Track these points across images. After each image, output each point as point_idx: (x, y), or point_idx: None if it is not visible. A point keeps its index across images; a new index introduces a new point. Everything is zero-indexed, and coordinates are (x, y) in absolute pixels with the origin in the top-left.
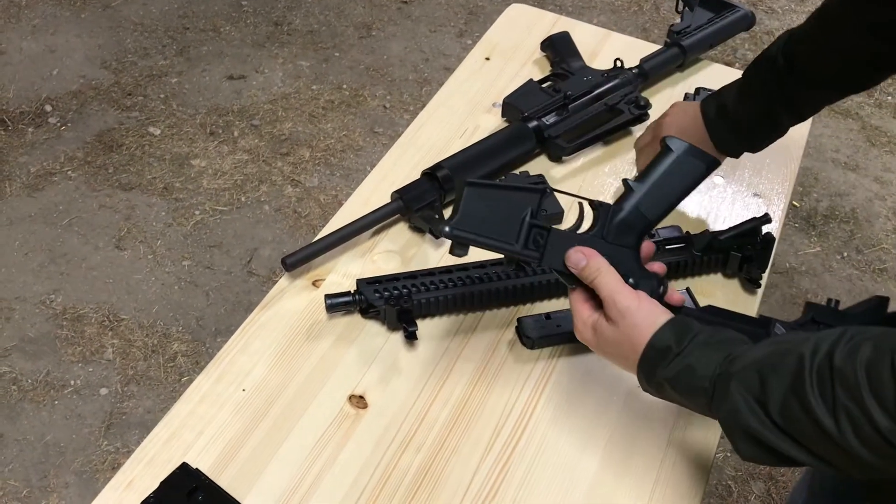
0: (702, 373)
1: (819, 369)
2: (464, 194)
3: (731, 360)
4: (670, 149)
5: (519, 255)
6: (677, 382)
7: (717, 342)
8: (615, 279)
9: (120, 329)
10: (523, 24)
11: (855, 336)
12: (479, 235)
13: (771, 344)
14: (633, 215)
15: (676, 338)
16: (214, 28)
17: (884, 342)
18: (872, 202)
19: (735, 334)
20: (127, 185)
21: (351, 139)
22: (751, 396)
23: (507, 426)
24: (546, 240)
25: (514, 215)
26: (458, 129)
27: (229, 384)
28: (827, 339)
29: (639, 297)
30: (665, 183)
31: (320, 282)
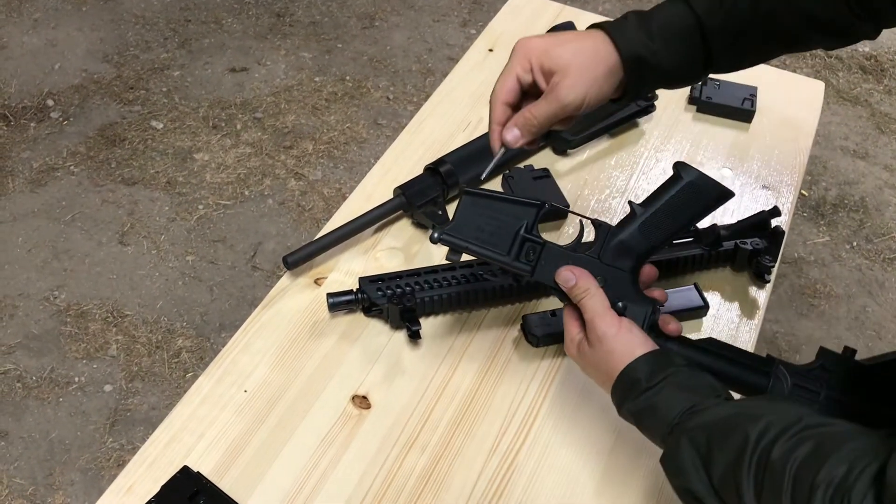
0: (663, 416)
1: (760, 455)
2: (460, 202)
3: (692, 413)
4: (681, 176)
5: (510, 266)
6: (640, 419)
7: (689, 388)
8: (601, 303)
9: (124, 325)
10: (527, 14)
11: (804, 430)
12: (472, 244)
13: (734, 407)
14: (633, 239)
15: (649, 373)
16: (216, 20)
17: (825, 445)
18: (882, 190)
19: (711, 381)
20: (130, 180)
21: (354, 131)
22: (698, 458)
23: (513, 426)
24: (539, 254)
25: (509, 227)
26: (462, 123)
27: (231, 385)
28: (778, 424)
29: (619, 325)
30: (670, 210)
31: (322, 280)
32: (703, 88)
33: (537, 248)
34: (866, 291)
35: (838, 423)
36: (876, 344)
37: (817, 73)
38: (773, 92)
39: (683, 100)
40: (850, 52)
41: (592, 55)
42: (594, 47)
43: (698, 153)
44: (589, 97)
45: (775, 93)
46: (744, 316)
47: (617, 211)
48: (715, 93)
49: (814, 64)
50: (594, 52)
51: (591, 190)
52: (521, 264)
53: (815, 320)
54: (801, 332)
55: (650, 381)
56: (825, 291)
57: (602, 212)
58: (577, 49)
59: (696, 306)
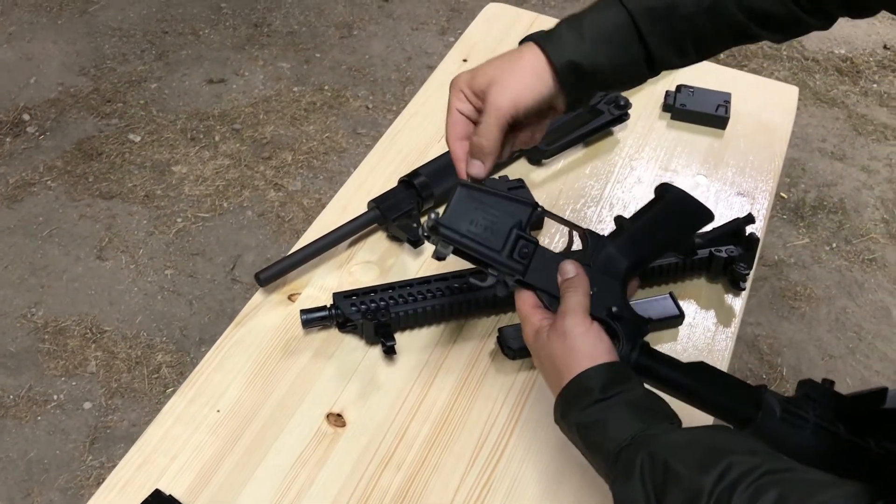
0: (613, 434)
1: (717, 500)
2: (455, 194)
3: (647, 437)
4: (664, 195)
5: (503, 264)
6: (586, 433)
7: (645, 408)
8: (583, 303)
9: (103, 341)
10: (501, 24)
11: (765, 476)
12: (465, 237)
13: (693, 436)
14: (622, 251)
15: (604, 384)
16: (193, 31)
17: (789, 497)
18: (860, 191)
19: (667, 407)
20: (107, 194)
21: (334, 141)
22: (651, 488)
23: (490, 441)
24: (532, 255)
25: (502, 224)
26: (437, 134)
27: (203, 405)
28: (738, 468)
29: (590, 327)
30: (656, 227)
31: (296, 296)
32: (676, 96)
33: (530, 247)
34: (846, 293)
35: (801, 468)
36: (857, 345)
37: (794, 75)
38: (748, 97)
39: (657, 107)
40: (826, 54)
41: (516, 61)
42: (518, 55)
43: (673, 161)
44: (521, 98)
45: (749, 98)
46: (720, 324)
47: (592, 219)
48: (689, 100)
49: (790, 66)
50: (518, 59)
51: (567, 199)
52: (514, 263)
53: (796, 323)
54: (783, 334)
55: (604, 393)
56: (806, 294)
57: (577, 221)
58: (501, 61)
59: (672, 315)
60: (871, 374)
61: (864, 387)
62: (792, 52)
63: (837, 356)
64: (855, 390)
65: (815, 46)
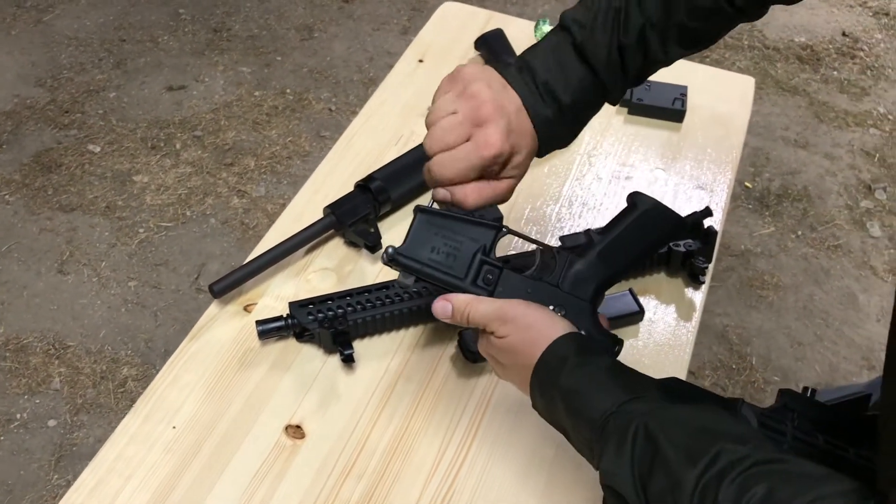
0: (597, 403)
1: (703, 491)
2: (414, 221)
3: (639, 410)
4: (636, 204)
5: (467, 292)
6: (569, 399)
7: (625, 375)
8: (490, 301)
9: (66, 357)
10: (456, 24)
11: (753, 467)
12: (426, 266)
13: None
14: (592, 267)
15: (577, 349)
16: (152, 38)
17: (779, 491)
18: (824, 178)
19: (643, 376)
20: (68, 207)
21: (297, 145)
22: (637, 469)
23: (452, 446)
24: (497, 279)
25: (465, 250)
26: (394, 137)
27: (159, 422)
28: (726, 456)
29: (529, 303)
30: (627, 239)
31: (252, 306)
32: (633, 90)
33: (495, 273)
34: (812, 280)
35: (793, 459)
36: (824, 332)
37: (755, 64)
38: (704, 90)
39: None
40: (786, 42)
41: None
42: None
43: (631, 156)
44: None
45: (706, 91)
46: (681, 318)
47: (551, 218)
48: (645, 94)
49: (752, 56)
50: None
51: (525, 198)
52: (479, 289)
53: (764, 312)
54: (751, 324)
55: (580, 357)
56: (773, 282)
57: (537, 219)
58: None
59: (632, 312)
60: (840, 360)
61: (833, 373)
62: (753, 42)
63: (806, 343)
64: (835, 395)
65: (775, 35)
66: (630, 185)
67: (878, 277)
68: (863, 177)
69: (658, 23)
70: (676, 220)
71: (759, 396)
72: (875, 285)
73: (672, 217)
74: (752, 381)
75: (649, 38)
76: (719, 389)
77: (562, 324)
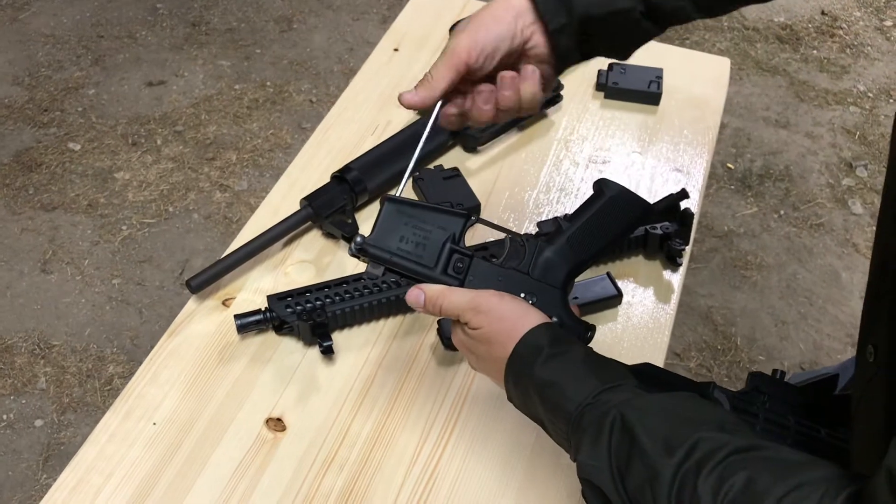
0: (571, 394)
1: (682, 482)
2: (382, 210)
3: (616, 400)
4: (603, 191)
5: (437, 281)
6: (544, 392)
7: (599, 365)
8: (465, 292)
9: (52, 356)
10: (432, 11)
11: (732, 455)
12: (395, 255)
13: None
14: (562, 254)
15: (551, 340)
16: (130, 34)
17: (759, 480)
18: (805, 157)
19: (619, 365)
20: (49, 206)
21: (279, 137)
22: (615, 460)
23: (433, 434)
24: (467, 268)
25: (435, 239)
26: (370, 127)
27: (139, 419)
28: (705, 445)
29: (503, 294)
30: (595, 225)
31: (231, 301)
32: (608, 74)
33: (465, 261)
34: (796, 259)
35: (772, 445)
36: (808, 310)
37: (735, 45)
38: (679, 72)
39: (591, 87)
40: (766, 23)
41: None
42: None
43: (607, 140)
44: (476, 38)
45: (681, 73)
46: (659, 301)
47: (529, 204)
48: (621, 78)
49: (732, 37)
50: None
51: (503, 184)
52: (449, 278)
53: (747, 292)
54: (735, 304)
55: (554, 348)
56: (756, 262)
57: (515, 206)
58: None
59: (610, 295)
60: (823, 338)
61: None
62: (733, 23)
63: (790, 322)
64: (804, 377)
65: (754, 16)
66: (607, 169)
67: (860, 254)
68: (844, 155)
69: None
70: (644, 206)
71: (744, 376)
72: (857, 262)
73: (639, 202)
74: (738, 360)
75: None
76: (704, 370)
77: (535, 314)
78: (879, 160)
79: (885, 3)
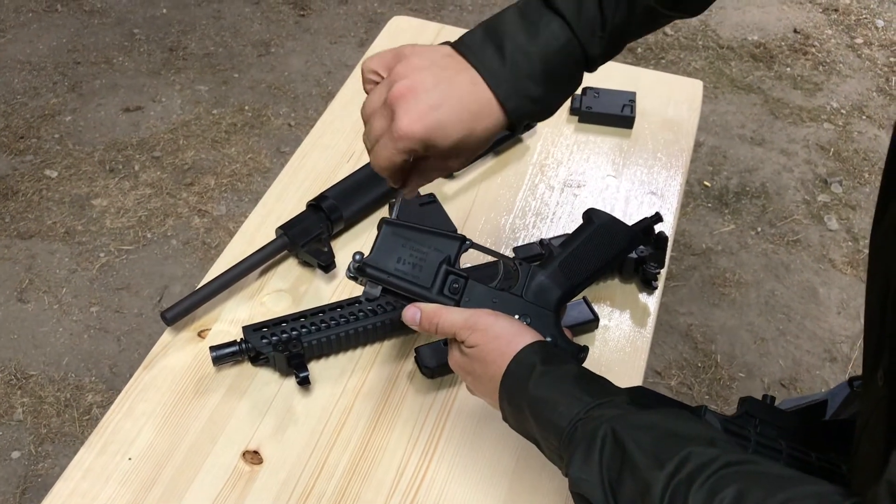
0: (564, 410)
1: (672, 495)
2: (381, 232)
3: (607, 414)
4: (592, 220)
5: (434, 301)
6: (537, 408)
7: (591, 382)
8: (461, 311)
9: (29, 386)
10: (406, 38)
11: (723, 469)
12: (393, 276)
13: (653, 421)
14: (553, 279)
15: (544, 358)
16: (107, 60)
17: (750, 493)
18: (780, 174)
19: (610, 382)
20: (26, 234)
21: (257, 161)
22: (606, 474)
23: (412, 463)
24: (463, 289)
25: (431, 260)
26: (345, 154)
27: (114, 454)
28: (696, 459)
29: (498, 314)
30: (585, 252)
31: (206, 332)
32: (582, 98)
33: (461, 282)
34: (773, 275)
35: (762, 461)
36: (787, 326)
37: (710, 64)
38: (652, 95)
39: (565, 111)
40: (740, 41)
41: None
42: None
43: (582, 164)
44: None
45: (654, 96)
46: (636, 325)
47: (505, 229)
48: (594, 102)
49: (707, 56)
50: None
51: (479, 209)
52: (446, 298)
53: (727, 309)
54: (715, 322)
55: (546, 365)
56: (734, 279)
57: (491, 231)
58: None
59: (587, 320)
60: (803, 354)
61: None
62: (707, 42)
63: (769, 338)
64: (793, 403)
65: (729, 34)
66: (582, 192)
67: (836, 270)
68: (819, 171)
69: None
70: (631, 233)
71: (724, 393)
72: (834, 278)
73: (626, 230)
74: (718, 378)
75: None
76: (686, 388)
77: (529, 333)
78: (854, 176)
79: (854, 22)
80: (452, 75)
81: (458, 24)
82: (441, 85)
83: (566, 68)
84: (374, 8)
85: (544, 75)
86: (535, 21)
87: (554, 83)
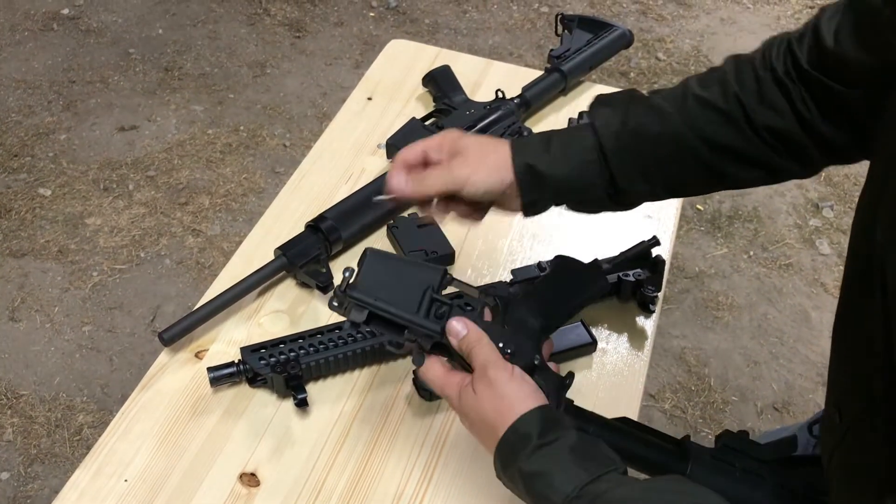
0: (559, 485)
1: None
2: (364, 260)
3: (599, 491)
4: (558, 268)
5: (420, 325)
6: (531, 482)
7: (586, 455)
8: (493, 351)
9: (19, 406)
10: (404, 61)
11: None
12: (379, 300)
13: (641, 491)
14: (531, 315)
15: (541, 430)
16: (102, 79)
17: None
18: (772, 199)
19: (606, 450)
20: (18, 252)
21: (252, 181)
22: None
23: (409, 487)
24: (448, 315)
25: (415, 287)
26: (344, 175)
27: (110, 476)
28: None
29: (512, 371)
30: (558, 298)
31: (203, 353)
32: (578, 121)
33: (445, 308)
34: (766, 299)
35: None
36: (779, 350)
37: None
38: None
39: None
40: None
41: (488, 146)
42: (493, 143)
43: None
44: (474, 179)
45: None
46: (633, 348)
47: (503, 251)
48: None
49: None
50: (492, 146)
51: (477, 232)
52: (431, 323)
53: (720, 332)
54: (708, 345)
55: (542, 438)
56: (727, 303)
57: (489, 253)
58: (481, 141)
59: (585, 343)
60: (795, 378)
61: (790, 391)
62: (700, 67)
63: (762, 362)
64: (766, 438)
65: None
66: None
67: (828, 294)
68: (810, 196)
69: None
70: (597, 280)
71: (718, 417)
72: (826, 302)
73: (592, 277)
74: (712, 401)
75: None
76: (679, 411)
77: (534, 399)
78: (845, 201)
79: None
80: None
81: (452, 48)
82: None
83: (583, 162)
84: (370, 30)
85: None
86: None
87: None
